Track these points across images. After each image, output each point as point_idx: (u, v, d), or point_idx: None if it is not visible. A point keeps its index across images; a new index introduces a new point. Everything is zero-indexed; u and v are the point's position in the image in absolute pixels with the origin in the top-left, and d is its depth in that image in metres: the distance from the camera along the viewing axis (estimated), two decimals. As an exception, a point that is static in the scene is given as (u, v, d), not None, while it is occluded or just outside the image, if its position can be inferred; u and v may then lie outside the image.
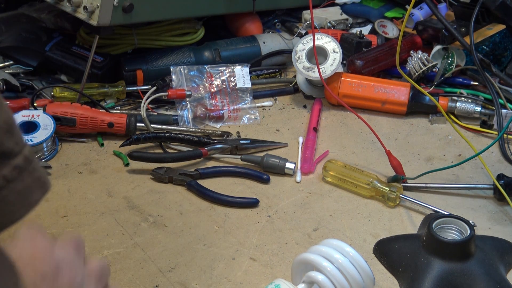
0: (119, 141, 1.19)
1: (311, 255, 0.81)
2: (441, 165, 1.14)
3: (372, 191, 1.07)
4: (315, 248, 0.82)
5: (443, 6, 1.46)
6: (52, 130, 1.12)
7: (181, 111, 1.26)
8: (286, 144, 1.19)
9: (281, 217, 1.04)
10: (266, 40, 1.42)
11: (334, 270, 0.79)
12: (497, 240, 0.86)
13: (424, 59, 1.32)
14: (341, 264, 0.79)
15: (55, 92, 1.24)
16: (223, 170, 1.13)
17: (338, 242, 0.82)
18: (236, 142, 1.17)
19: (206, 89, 1.30)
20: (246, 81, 1.32)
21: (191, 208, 1.06)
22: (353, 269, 0.79)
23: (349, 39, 1.38)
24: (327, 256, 0.80)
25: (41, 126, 1.12)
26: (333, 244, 0.82)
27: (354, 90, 1.28)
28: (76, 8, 1.20)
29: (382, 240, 0.88)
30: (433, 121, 1.27)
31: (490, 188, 1.08)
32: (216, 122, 1.25)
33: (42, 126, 1.12)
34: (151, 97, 1.26)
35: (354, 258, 0.80)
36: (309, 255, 0.81)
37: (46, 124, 1.12)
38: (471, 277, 0.78)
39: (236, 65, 1.33)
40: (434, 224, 0.81)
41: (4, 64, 1.34)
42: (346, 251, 0.80)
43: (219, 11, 1.40)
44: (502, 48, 1.36)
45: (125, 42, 1.36)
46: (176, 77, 1.30)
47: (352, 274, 0.79)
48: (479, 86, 1.33)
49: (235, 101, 1.29)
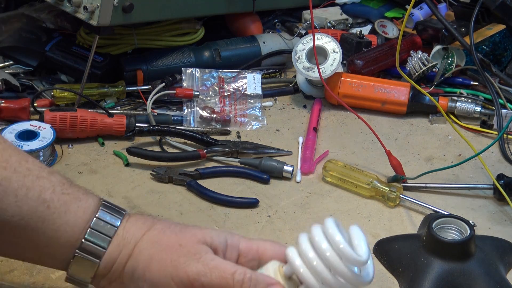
0: (119, 141, 1.19)
1: (302, 240, 0.73)
2: (441, 165, 1.14)
3: (372, 191, 1.07)
4: (312, 231, 0.74)
5: (443, 6, 1.46)
6: (48, 142, 1.11)
7: (187, 111, 1.26)
8: (290, 152, 1.18)
9: (281, 217, 1.04)
10: (266, 40, 1.42)
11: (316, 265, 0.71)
12: (497, 240, 0.86)
13: (424, 59, 1.32)
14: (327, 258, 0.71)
15: (55, 92, 1.24)
16: (223, 170, 1.13)
17: (333, 228, 0.71)
18: (238, 146, 1.17)
19: (215, 92, 1.30)
20: (257, 87, 1.32)
21: (191, 208, 1.06)
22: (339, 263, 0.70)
23: (349, 39, 1.38)
24: (315, 244, 0.72)
25: (39, 138, 1.11)
26: (328, 232, 0.71)
27: (354, 90, 1.28)
28: (76, 8, 1.20)
29: (382, 240, 0.88)
30: (433, 121, 1.27)
31: (490, 188, 1.08)
32: (222, 126, 1.25)
33: (40, 137, 1.11)
34: (160, 93, 1.27)
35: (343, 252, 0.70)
36: (301, 239, 0.74)
37: (45, 137, 1.12)
38: (471, 277, 0.78)
39: (248, 71, 1.33)
40: (434, 224, 0.81)
41: (4, 64, 1.34)
42: (336, 241, 0.70)
43: (219, 11, 1.40)
44: (502, 48, 1.36)
45: (125, 42, 1.36)
46: (187, 77, 1.31)
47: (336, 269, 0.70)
48: (479, 86, 1.33)
49: (244, 107, 1.29)
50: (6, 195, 0.70)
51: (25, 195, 0.71)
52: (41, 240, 0.73)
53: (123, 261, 0.73)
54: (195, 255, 0.71)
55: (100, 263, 0.73)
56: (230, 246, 0.75)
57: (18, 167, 0.72)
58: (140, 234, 0.74)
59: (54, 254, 0.74)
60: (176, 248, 0.72)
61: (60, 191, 0.73)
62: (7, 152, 0.73)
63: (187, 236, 0.73)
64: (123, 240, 0.74)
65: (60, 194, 0.73)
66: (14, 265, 0.91)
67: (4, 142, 0.74)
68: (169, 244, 0.73)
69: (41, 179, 0.73)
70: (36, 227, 0.72)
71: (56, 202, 0.72)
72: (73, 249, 0.73)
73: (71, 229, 0.73)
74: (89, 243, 0.73)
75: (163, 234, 0.74)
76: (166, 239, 0.73)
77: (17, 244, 0.74)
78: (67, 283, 0.78)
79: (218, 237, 0.74)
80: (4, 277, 0.89)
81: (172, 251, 0.72)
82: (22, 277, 0.89)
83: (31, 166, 0.73)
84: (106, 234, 0.73)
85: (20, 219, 0.71)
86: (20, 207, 0.71)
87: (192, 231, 0.74)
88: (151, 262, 0.72)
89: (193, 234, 0.74)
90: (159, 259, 0.72)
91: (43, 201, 0.72)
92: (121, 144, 1.19)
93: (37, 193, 0.72)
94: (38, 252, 0.74)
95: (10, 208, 0.71)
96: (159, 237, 0.74)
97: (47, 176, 0.74)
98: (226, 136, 1.23)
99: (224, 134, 1.23)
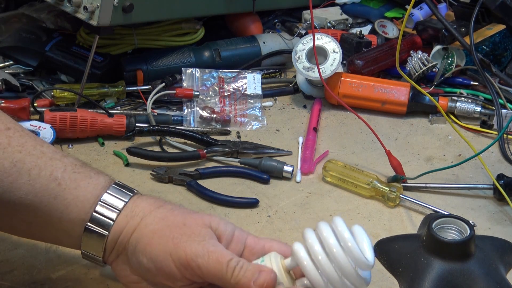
0: (119, 141, 1.19)
1: (309, 233, 0.73)
2: (441, 165, 1.14)
3: (372, 191, 1.07)
4: (319, 227, 0.74)
5: (443, 6, 1.46)
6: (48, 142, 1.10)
7: (187, 111, 1.26)
8: (290, 152, 1.18)
9: (281, 217, 1.04)
10: (266, 40, 1.42)
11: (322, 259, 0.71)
12: (497, 240, 0.86)
13: (424, 59, 1.32)
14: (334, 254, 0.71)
15: (55, 92, 1.24)
16: (223, 170, 1.13)
17: (342, 226, 0.72)
18: (238, 146, 1.17)
19: (215, 92, 1.30)
20: (257, 87, 1.32)
21: (191, 208, 1.05)
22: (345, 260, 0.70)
23: (349, 39, 1.38)
24: (323, 238, 0.72)
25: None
26: (337, 229, 0.72)
27: (354, 90, 1.28)
28: (76, 8, 1.20)
29: (382, 240, 0.88)
30: (433, 121, 1.27)
31: (490, 188, 1.08)
32: (222, 126, 1.25)
33: (41, 137, 1.10)
34: (160, 93, 1.27)
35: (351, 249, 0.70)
36: (307, 233, 0.74)
37: (45, 137, 1.11)
38: (471, 277, 0.78)
39: (248, 71, 1.33)
40: (434, 224, 0.81)
41: (4, 64, 1.34)
42: (346, 238, 0.71)
43: (219, 11, 1.40)
44: (502, 48, 1.37)
45: (125, 42, 1.36)
46: (187, 77, 1.31)
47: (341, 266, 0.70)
48: (479, 86, 1.33)
49: (243, 107, 1.29)
50: (20, 175, 0.75)
51: (38, 174, 0.75)
52: (54, 216, 0.76)
53: (129, 232, 0.76)
54: (198, 237, 0.73)
55: (108, 235, 0.76)
56: (237, 238, 0.77)
57: (33, 150, 0.77)
58: (149, 210, 0.77)
59: (68, 231, 0.77)
60: (181, 227, 0.74)
61: (71, 170, 0.77)
62: (23, 138, 0.77)
63: (194, 217, 0.76)
64: (131, 213, 0.76)
65: (72, 172, 0.77)
66: (14, 265, 0.91)
67: (22, 130, 0.79)
68: (175, 222, 0.75)
69: (53, 160, 0.77)
70: (48, 203, 0.75)
71: (67, 179, 0.76)
72: (84, 223, 0.76)
73: (81, 203, 0.76)
74: (99, 215, 0.76)
75: (171, 213, 0.76)
76: (173, 217, 0.76)
77: (34, 223, 0.77)
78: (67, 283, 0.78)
79: (225, 226, 0.77)
80: (4, 277, 0.89)
81: (176, 229, 0.74)
82: (22, 277, 0.89)
83: (46, 149, 0.78)
84: (115, 207, 0.76)
85: (34, 197, 0.75)
86: (32, 185, 0.75)
87: (200, 214, 0.77)
88: (153, 236, 0.74)
89: (200, 217, 0.76)
90: (162, 234, 0.74)
91: (54, 178, 0.76)
92: (121, 144, 1.19)
93: (49, 172, 0.76)
94: (53, 229, 0.78)
95: (24, 187, 0.75)
96: (166, 215, 0.76)
97: (60, 158, 0.78)
98: (226, 136, 1.23)
99: (224, 134, 1.23)
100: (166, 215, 0.76)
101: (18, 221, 0.78)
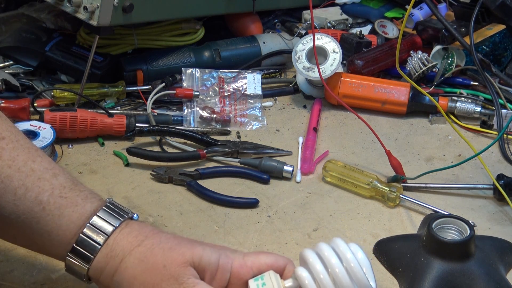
0: (119, 141, 1.19)
1: (309, 253, 0.75)
2: (441, 165, 1.14)
3: (372, 191, 1.07)
4: (320, 246, 0.75)
5: (443, 6, 1.46)
6: (48, 142, 1.11)
7: (187, 111, 1.26)
8: (290, 152, 1.18)
9: (281, 217, 1.04)
10: (266, 40, 1.42)
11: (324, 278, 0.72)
12: (497, 240, 0.86)
13: (424, 59, 1.32)
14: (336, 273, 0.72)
15: (55, 92, 1.24)
16: (223, 170, 1.13)
17: (344, 246, 0.74)
18: (238, 146, 1.17)
19: (215, 92, 1.30)
20: (257, 87, 1.32)
21: (191, 208, 1.06)
22: (347, 280, 0.72)
23: (349, 39, 1.38)
24: (324, 258, 0.73)
25: (39, 138, 1.11)
26: (339, 249, 0.74)
27: (354, 90, 1.28)
28: (76, 8, 1.20)
29: (382, 240, 0.88)
30: (433, 121, 1.27)
31: (490, 188, 1.08)
32: (222, 126, 1.25)
33: (40, 137, 1.11)
34: (160, 93, 1.27)
35: (353, 269, 0.72)
36: (307, 252, 0.75)
37: (45, 137, 1.12)
38: (471, 277, 0.78)
39: (248, 72, 1.33)
40: (434, 224, 0.81)
41: (4, 64, 1.34)
42: (348, 259, 0.73)
43: (219, 11, 1.40)
44: (502, 48, 1.37)
45: (125, 42, 1.36)
46: (187, 77, 1.31)
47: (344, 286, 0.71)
48: (479, 86, 1.34)
49: (243, 107, 1.29)
50: (6, 192, 0.73)
51: (23, 194, 0.73)
52: (37, 239, 0.75)
53: (110, 273, 0.75)
54: (177, 280, 0.72)
55: (89, 268, 0.75)
56: (222, 267, 0.75)
57: (23, 166, 0.74)
58: (129, 249, 0.74)
59: (51, 253, 0.77)
60: (160, 270, 0.73)
61: (58, 194, 0.75)
62: (16, 151, 0.75)
63: (173, 256, 0.73)
64: (111, 252, 0.75)
65: (58, 197, 0.75)
66: (14, 265, 0.91)
67: (17, 140, 0.76)
68: (155, 264, 0.73)
69: (42, 181, 0.75)
70: (31, 226, 0.74)
71: (52, 205, 0.74)
72: (66, 252, 0.75)
73: (63, 233, 0.75)
74: (79, 248, 0.75)
75: (150, 252, 0.74)
76: (153, 258, 0.74)
77: (19, 238, 0.77)
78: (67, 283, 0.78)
79: (208, 257, 0.74)
80: (4, 277, 0.89)
81: (155, 273, 0.73)
82: (22, 277, 0.89)
83: (37, 166, 0.75)
84: (96, 242, 0.75)
85: (17, 217, 0.73)
86: (17, 206, 0.73)
87: (181, 249, 0.74)
88: (134, 282, 0.73)
89: (181, 254, 0.74)
90: (142, 281, 0.73)
91: (39, 202, 0.74)
92: (121, 144, 1.19)
93: (34, 194, 0.74)
94: (37, 247, 0.77)
95: (8, 206, 0.73)
96: (146, 255, 0.74)
97: (50, 178, 0.75)
98: (226, 136, 1.23)
99: (224, 134, 1.23)
100: (146, 255, 0.74)
101: (3, 233, 0.77)
